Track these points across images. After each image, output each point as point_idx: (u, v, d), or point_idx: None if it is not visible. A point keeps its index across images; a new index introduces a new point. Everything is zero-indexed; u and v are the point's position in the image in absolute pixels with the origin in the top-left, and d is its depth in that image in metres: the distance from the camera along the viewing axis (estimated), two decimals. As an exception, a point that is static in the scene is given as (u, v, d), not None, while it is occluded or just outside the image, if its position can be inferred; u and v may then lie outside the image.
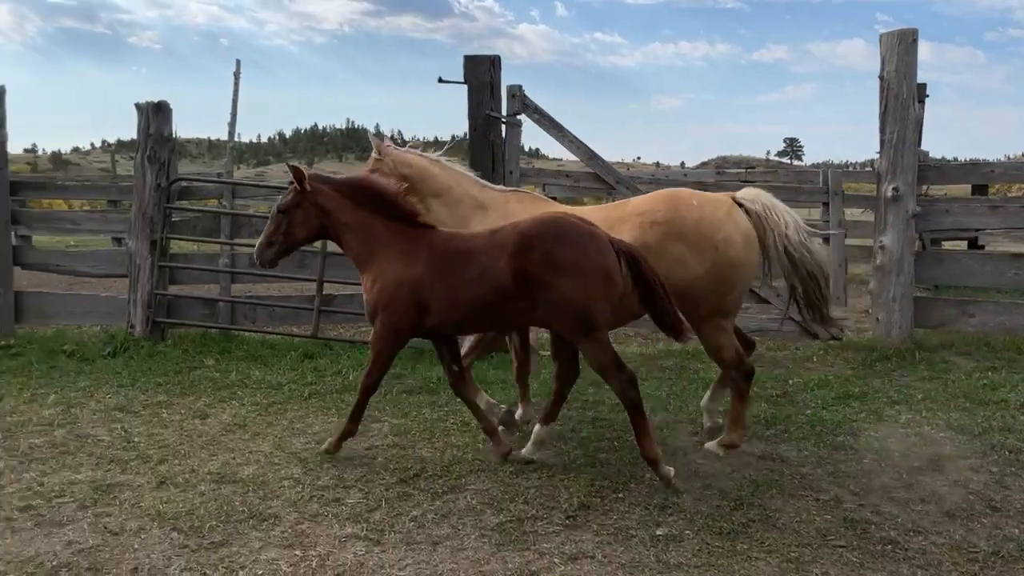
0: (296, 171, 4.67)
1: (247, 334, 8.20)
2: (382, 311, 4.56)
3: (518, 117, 7.98)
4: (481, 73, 7.88)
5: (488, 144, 7.88)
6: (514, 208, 5.12)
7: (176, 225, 8.25)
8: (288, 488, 4.47)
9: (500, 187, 5.58)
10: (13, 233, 8.77)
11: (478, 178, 5.45)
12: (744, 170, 16.22)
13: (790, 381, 6.74)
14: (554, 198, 7.02)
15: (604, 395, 6.30)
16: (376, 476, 4.67)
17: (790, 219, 4.70)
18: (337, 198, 4.65)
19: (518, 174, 8.03)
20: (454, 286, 4.36)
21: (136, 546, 3.76)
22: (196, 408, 6.06)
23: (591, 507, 4.25)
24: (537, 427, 4.82)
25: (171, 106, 8.08)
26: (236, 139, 8.58)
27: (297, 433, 5.50)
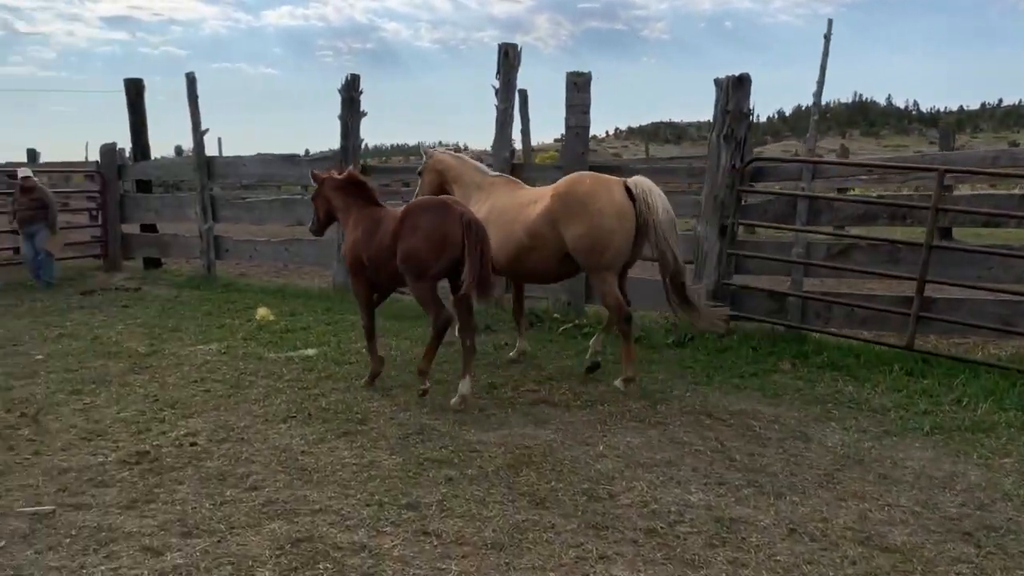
0: (313, 174, 6.52)
1: (823, 336, 7.13)
2: (347, 266, 6.14)
3: None
4: None
5: None
6: (495, 189, 6.61)
7: (745, 209, 7.55)
8: (973, 581, 3.23)
9: (493, 173, 6.98)
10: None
11: (483, 168, 7.00)
12: None
13: None
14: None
15: None
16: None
17: (660, 203, 5.81)
18: (332, 188, 6.21)
19: None
20: (373, 247, 5.75)
21: (793, 625, 2.95)
22: (790, 426, 5.18)
23: None
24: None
25: (751, 78, 7.36)
26: (818, 111, 7.47)
27: (937, 485, 4.20)
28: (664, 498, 4.02)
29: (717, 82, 7.47)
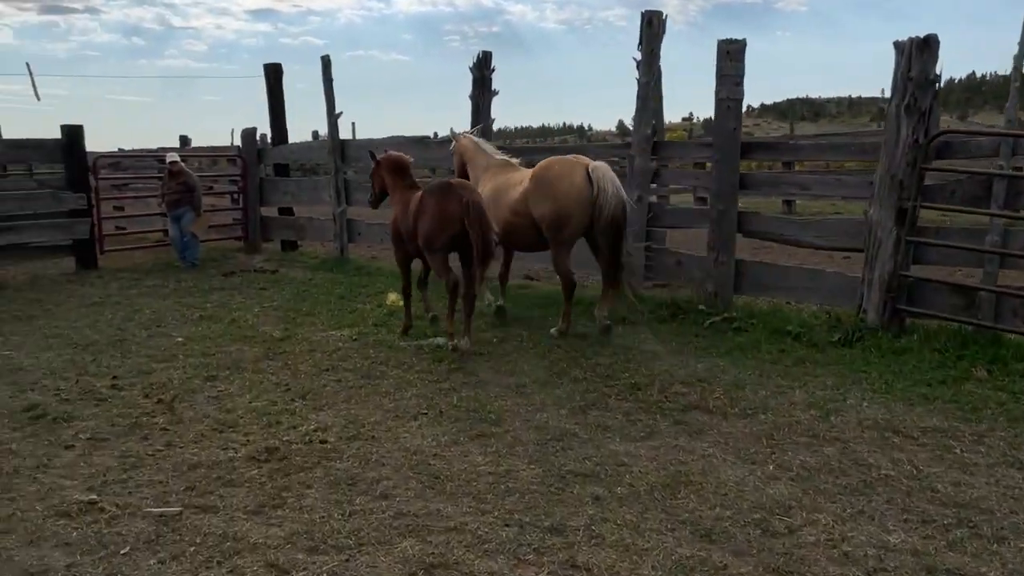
0: (371, 154, 7.50)
1: (1022, 339, 6.10)
2: (391, 235, 7.12)
3: None
4: None
5: None
6: (493, 170, 7.65)
7: (928, 190, 6.57)
8: None
9: (499, 156, 7.87)
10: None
11: (491, 152, 7.96)
12: None
13: None
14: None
15: None
16: None
17: (611, 186, 6.67)
18: (385, 168, 7.19)
19: None
20: (406, 222, 6.71)
21: None
22: (998, 448, 4.34)
23: None
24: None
25: (939, 40, 6.35)
26: (1019, 76, 6.37)
27: None
28: (856, 537, 3.36)
29: (898, 45, 6.51)
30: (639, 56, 8.34)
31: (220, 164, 17.20)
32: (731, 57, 7.61)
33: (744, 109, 7.83)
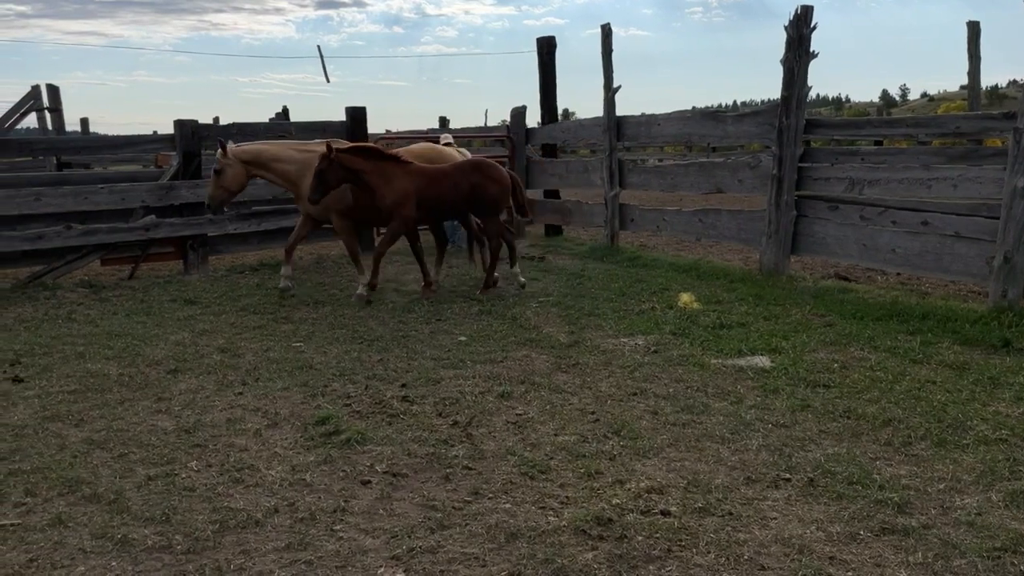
0: (328, 146, 7.55)
1: None
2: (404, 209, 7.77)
3: None
4: None
5: None
6: (308, 158, 7.85)
7: None
8: None
9: (312, 144, 8.16)
10: None
11: (295, 143, 8.45)
12: None
13: None
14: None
15: None
16: None
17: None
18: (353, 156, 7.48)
19: None
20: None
21: None
22: None
23: None
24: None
25: None
26: None
27: None
28: None
29: None
30: (1035, -2, 6.34)
31: (474, 144, 16.94)
32: None
33: None
